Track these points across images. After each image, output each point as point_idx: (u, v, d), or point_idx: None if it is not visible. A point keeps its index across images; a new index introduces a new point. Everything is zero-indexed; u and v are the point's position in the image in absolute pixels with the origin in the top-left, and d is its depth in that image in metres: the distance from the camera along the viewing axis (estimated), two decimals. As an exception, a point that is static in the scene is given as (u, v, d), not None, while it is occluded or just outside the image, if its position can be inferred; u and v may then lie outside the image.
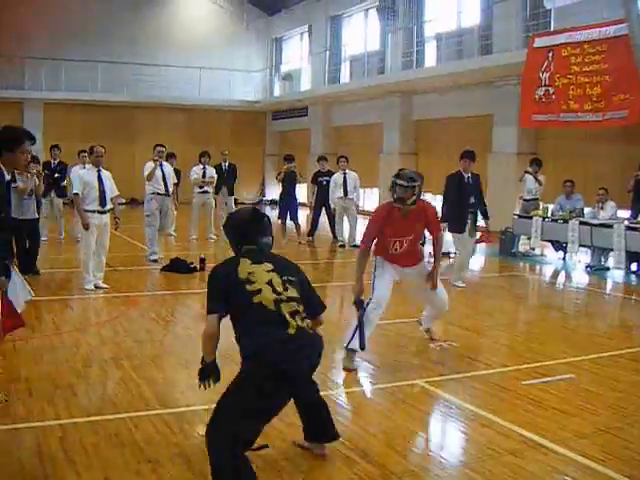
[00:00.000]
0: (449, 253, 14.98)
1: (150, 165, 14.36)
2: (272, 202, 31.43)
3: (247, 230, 5.09)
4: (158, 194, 14.28)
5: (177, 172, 18.34)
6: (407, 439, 5.50)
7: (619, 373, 7.37)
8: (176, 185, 15.13)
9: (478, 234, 12.96)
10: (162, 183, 14.30)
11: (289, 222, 17.92)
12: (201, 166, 18.22)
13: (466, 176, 12.06)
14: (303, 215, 22.02)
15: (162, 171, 14.35)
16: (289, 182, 18.02)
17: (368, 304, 7.26)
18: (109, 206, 11.27)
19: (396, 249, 7.48)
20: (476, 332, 9.09)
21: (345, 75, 30.16)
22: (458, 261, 12.79)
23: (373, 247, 7.53)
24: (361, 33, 29.00)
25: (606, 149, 18.07)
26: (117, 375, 6.78)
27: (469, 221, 12.13)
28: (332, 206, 17.60)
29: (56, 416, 5.70)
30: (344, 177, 17.32)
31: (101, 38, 30.48)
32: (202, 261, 13.23)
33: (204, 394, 6.34)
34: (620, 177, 16.52)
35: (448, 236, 12.04)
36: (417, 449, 5.31)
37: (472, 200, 12.08)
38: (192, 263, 13.14)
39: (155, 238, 14.29)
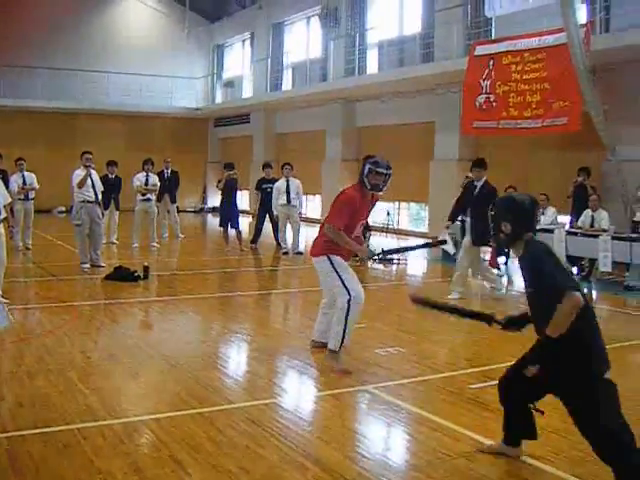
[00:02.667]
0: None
1: (80, 173, 14.10)
2: (214, 209, 31.30)
3: (534, 216, 4.88)
4: (88, 202, 14.06)
5: (118, 180, 18.18)
6: (358, 444, 5.50)
7: (564, 375, 7.47)
8: (102, 193, 14.87)
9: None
10: (92, 191, 14.09)
11: (230, 230, 17.87)
12: (144, 173, 18.05)
13: (474, 184, 12.12)
14: (246, 222, 21.99)
15: (91, 179, 14.13)
16: (230, 189, 17.97)
17: (349, 304, 7.27)
18: (3, 215, 10.48)
19: (357, 232, 7.53)
20: (423, 337, 9.15)
21: (287, 82, 30.20)
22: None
23: (325, 245, 7.46)
24: (303, 40, 29.09)
25: (546, 155, 18.35)
26: (64, 386, 6.66)
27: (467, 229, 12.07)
28: (275, 213, 17.60)
29: (2, 428, 5.57)
30: (287, 184, 17.33)
31: (41, 44, 30.11)
32: (146, 269, 13.12)
33: (152, 403, 6.32)
34: (560, 183, 16.77)
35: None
36: (368, 454, 5.30)
37: (470, 210, 11.97)
38: (136, 271, 13.01)
39: (86, 246, 14.11)
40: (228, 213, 17.97)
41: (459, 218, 12.98)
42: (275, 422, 5.86)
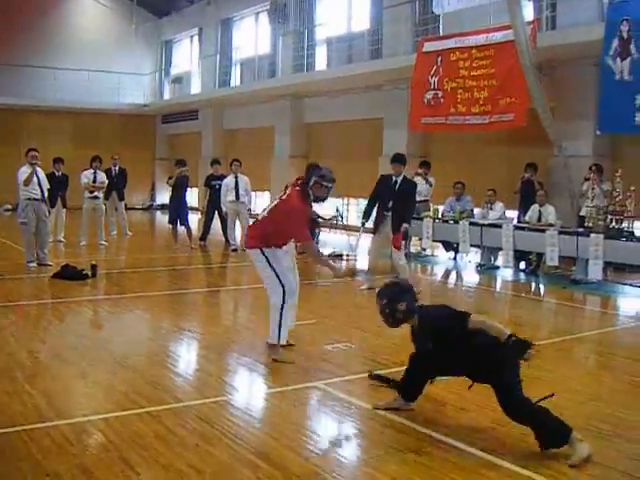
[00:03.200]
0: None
1: (25, 170, 13.87)
2: (163, 207, 31.12)
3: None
4: (34, 200, 13.86)
5: (65, 177, 17.94)
6: (309, 441, 5.49)
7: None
8: (48, 191, 14.63)
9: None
10: (38, 188, 13.89)
11: (180, 227, 17.76)
12: (92, 171, 17.83)
13: (394, 179, 12.34)
14: (195, 219, 21.87)
15: (37, 176, 13.92)
16: (180, 186, 17.88)
17: (284, 298, 7.49)
18: None
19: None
20: (371, 332, 9.14)
21: (236, 78, 30.08)
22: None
23: (261, 238, 7.57)
24: (252, 36, 28.97)
25: (494, 151, 18.50)
26: (10, 387, 6.54)
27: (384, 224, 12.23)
28: (224, 210, 17.53)
29: (-53, 431, 5.47)
30: (236, 181, 17.25)
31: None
32: (93, 267, 12.96)
33: (100, 403, 6.25)
34: (508, 178, 16.93)
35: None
36: (319, 451, 5.30)
37: (391, 203, 12.14)
38: (83, 270, 12.85)
39: (33, 245, 13.93)
40: (177, 210, 17.87)
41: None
42: (225, 420, 5.83)
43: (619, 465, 5.13)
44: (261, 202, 28.25)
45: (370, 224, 12.85)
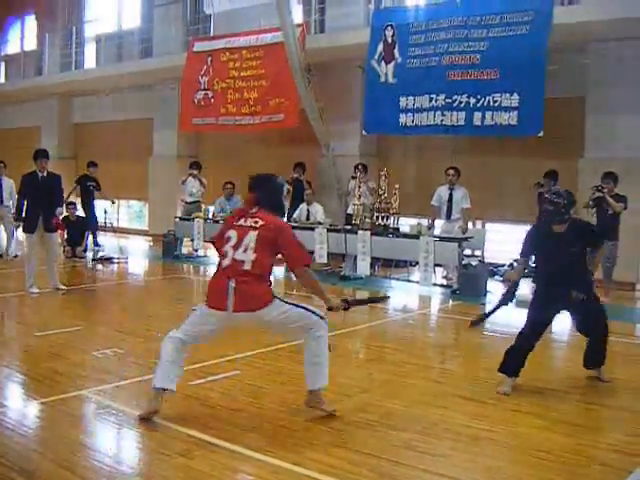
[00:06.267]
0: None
1: None
2: None
3: None
4: None
5: None
6: (76, 453, 5.23)
7: (282, 366, 7.63)
8: None
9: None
10: None
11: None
12: None
13: (40, 175, 12.15)
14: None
15: None
16: None
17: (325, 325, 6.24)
18: None
19: None
20: (141, 337, 8.95)
21: (0, 76, 28.78)
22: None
23: (269, 288, 6.05)
24: (18, 32, 27.78)
25: (265, 151, 18.70)
26: None
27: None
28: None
29: None
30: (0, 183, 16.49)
31: None
32: None
33: None
34: (278, 178, 17.14)
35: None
36: (87, 462, 5.07)
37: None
38: None
39: None
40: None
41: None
42: (-16, 437, 5.49)
43: (385, 453, 5.27)
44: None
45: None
